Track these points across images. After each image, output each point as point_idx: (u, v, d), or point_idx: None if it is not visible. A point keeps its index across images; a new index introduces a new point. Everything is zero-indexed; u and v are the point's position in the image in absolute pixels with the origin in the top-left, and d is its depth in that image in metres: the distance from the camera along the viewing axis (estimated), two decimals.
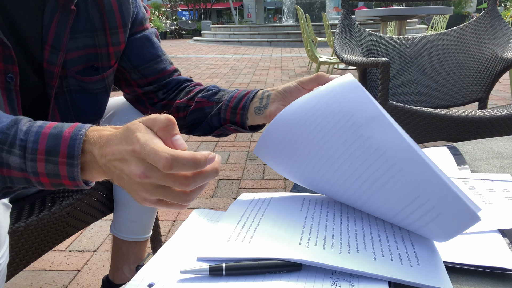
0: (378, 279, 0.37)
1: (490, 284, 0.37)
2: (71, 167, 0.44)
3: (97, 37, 0.71)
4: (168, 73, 0.80)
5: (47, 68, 0.66)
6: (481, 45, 1.78)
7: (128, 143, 0.39)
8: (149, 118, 0.41)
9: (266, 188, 1.92)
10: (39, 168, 0.44)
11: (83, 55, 0.70)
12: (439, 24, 6.07)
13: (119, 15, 0.73)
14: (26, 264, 0.73)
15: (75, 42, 0.68)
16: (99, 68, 0.73)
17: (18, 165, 0.44)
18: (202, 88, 0.78)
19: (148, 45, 0.78)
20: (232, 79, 5.45)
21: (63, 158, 0.43)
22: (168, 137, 0.40)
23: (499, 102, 3.70)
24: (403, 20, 3.40)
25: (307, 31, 3.68)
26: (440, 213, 0.40)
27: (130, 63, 0.77)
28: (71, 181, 0.45)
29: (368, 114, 0.43)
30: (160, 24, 18.45)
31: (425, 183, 0.40)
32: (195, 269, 0.39)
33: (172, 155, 0.36)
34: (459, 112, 1.32)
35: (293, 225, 0.47)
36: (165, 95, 0.79)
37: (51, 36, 0.64)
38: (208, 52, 10.27)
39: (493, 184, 0.56)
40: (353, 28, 1.84)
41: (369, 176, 0.44)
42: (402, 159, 0.41)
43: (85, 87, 0.73)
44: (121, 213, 0.93)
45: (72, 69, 0.70)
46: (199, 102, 0.74)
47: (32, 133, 0.45)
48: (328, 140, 0.47)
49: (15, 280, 1.24)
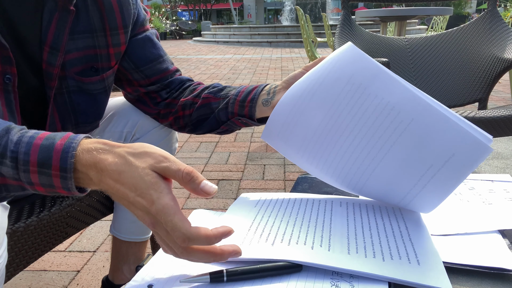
0: (378, 279, 0.37)
1: (490, 284, 0.37)
2: (65, 179, 0.43)
3: (97, 38, 0.71)
4: (170, 73, 0.80)
5: (46, 69, 0.66)
6: (481, 46, 1.78)
7: (140, 196, 0.38)
8: (165, 168, 0.40)
9: (266, 189, 1.92)
10: (33, 179, 0.44)
11: (83, 56, 0.70)
12: (439, 24, 6.07)
13: (120, 16, 0.72)
14: (26, 264, 0.73)
15: (75, 43, 0.68)
16: (98, 69, 0.73)
17: (12, 175, 0.44)
18: (207, 85, 0.78)
19: (149, 46, 0.78)
20: (232, 79, 5.45)
21: (56, 171, 0.43)
22: (196, 187, 0.40)
23: (499, 102, 3.70)
24: (403, 20, 3.40)
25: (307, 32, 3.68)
26: (454, 152, 0.42)
27: (133, 63, 0.77)
28: (66, 191, 0.44)
29: (369, 73, 0.44)
30: (160, 24, 18.46)
31: (436, 129, 0.42)
32: (195, 278, 0.38)
33: (188, 236, 0.37)
34: (459, 112, 1.32)
35: (294, 226, 0.47)
36: (168, 94, 0.79)
37: (50, 37, 0.64)
38: (208, 52, 10.28)
39: (493, 184, 0.56)
40: (353, 28, 1.84)
41: (382, 134, 0.45)
42: (412, 110, 0.43)
43: (84, 88, 0.72)
44: (121, 213, 0.93)
45: (72, 70, 0.69)
46: (206, 98, 0.74)
47: (23, 144, 0.44)
48: (336, 108, 0.47)
49: (15, 281, 1.24)
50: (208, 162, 2.34)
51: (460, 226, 0.46)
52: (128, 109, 0.85)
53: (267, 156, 2.40)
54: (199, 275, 0.38)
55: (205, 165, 2.28)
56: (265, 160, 2.33)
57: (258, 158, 2.38)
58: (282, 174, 2.10)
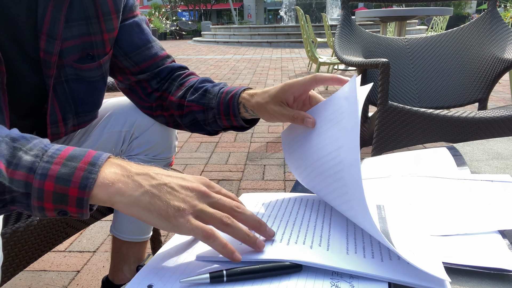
0: (378, 279, 0.37)
1: (490, 285, 0.37)
2: (89, 173, 0.41)
3: (91, 25, 0.71)
4: (160, 58, 0.79)
5: (44, 57, 0.66)
6: (481, 46, 1.78)
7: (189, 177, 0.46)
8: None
9: (266, 189, 1.92)
10: (51, 171, 0.41)
11: (79, 43, 0.70)
12: (439, 25, 6.08)
13: (112, 1, 0.73)
14: (26, 264, 0.73)
15: (70, 30, 0.68)
16: (95, 56, 0.73)
17: (29, 164, 0.41)
18: (191, 83, 0.76)
19: (137, 31, 0.78)
20: (232, 79, 5.45)
21: (84, 164, 0.42)
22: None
23: (499, 103, 3.70)
24: (403, 21, 3.41)
25: (307, 32, 3.68)
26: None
27: (121, 50, 0.77)
28: (79, 190, 0.41)
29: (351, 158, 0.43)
30: (160, 24, 18.46)
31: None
32: (195, 278, 0.38)
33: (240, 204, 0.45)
34: (459, 113, 1.32)
35: (293, 226, 0.47)
36: (158, 85, 0.79)
37: (47, 25, 0.64)
38: (208, 52, 10.28)
39: (493, 185, 0.56)
40: (353, 29, 1.84)
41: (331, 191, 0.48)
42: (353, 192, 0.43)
43: (83, 75, 0.73)
44: (121, 213, 0.93)
45: (69, 58, 0.70)
46: (189, 106, 0.74)
47: (56, 146, 0.44)
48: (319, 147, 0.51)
49: (15, 281, 1.24)
50: (208, 162, 2.34)
51: (460, 227, 0.46)
52: (125, 108, 0.85)
53: (267, 156, 2.40)
54: (198, 275, 0.38)
55: (205, 165, 2.28)
56: (265, 160, 2.33)
57: (258, 158, 2.38)
58: (282, 174, 2.10)
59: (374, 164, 0.67)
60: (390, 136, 1.41)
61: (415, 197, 0.54)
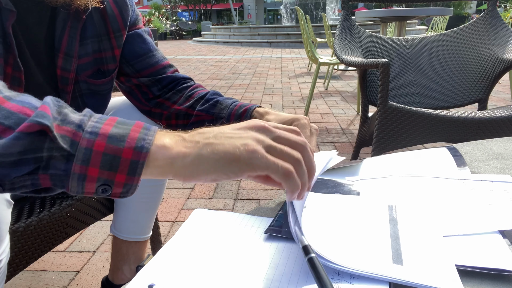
0: (378, 279, 0.37)
1: (490, 285, 0.37)
2: (145, 135, 0.38)
3: (101, 42, 0.75)
4: (161, 67, 0.81)
5: (61, 74, 0.70)
6: (481, 46, 1.79)
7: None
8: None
9: (266, 189, 1.92)
10: (103, 129, 0.37)
11: (92, 60, 0.74)
12: (439, 25, 6.07)
13: (121, 19, 0.76)
14: (25, 264, 0.73)
15: (84, 48, 0.72)
16: (105, 71, 0.77)
17: (78, 121, 0.37)
18: (202, 95, 0.78)
19: (139, 41, 0.81)
20: (232, 79, 5.45)
21: (138, 127, 0.38)
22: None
23: (499, 103, 3.70)
24: (403, 21, 3.40)
25: (307, 32, 3.68)
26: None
27: (123, 58, 0.80)
28: (135, 151, 0.36)
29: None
30: (160, 25, 18.45)
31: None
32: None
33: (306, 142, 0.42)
34: (459, 113, 1.32)
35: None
36: (160, 92, 0.80)
37: (64, 44, 0.68)
38: (208, 53, 10.28)
39: (493, 185, 0.56)
40: (353, 29, 1.84)
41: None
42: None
43: (96, 89, 0.77)
44: (122, 212, 0.93)
45: (83, 74, 0.74)
46: (199, 116, 0.76)
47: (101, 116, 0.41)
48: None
49: (15, 281, 1.24)
50: None
51: (460, 227, 0.46)
52: (128, 107, 0.86)
53: None
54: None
55: None
56: None
57: None
58: None
59: (374, 164, 0.67)
60: (390, 136, 1.41)
61: (415, 197, 0.54)
